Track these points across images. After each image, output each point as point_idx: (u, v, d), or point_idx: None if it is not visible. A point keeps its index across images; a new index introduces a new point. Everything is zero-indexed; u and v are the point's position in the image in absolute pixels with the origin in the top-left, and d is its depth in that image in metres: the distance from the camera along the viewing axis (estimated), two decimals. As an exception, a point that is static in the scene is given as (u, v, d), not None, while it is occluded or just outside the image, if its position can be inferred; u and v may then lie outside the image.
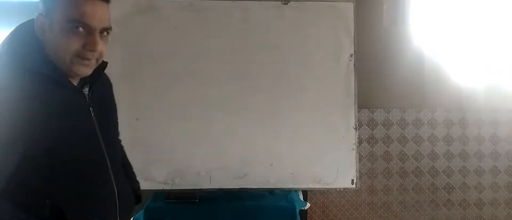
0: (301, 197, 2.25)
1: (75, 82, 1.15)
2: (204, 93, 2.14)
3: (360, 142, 2.58)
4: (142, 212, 2.07)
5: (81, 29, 1.04)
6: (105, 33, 1.11)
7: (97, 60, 1.12)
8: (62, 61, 1.06)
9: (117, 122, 1.38)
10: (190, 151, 2.14)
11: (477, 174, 2.70)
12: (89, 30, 1.06)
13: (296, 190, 2.25)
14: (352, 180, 2.21)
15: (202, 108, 2.14)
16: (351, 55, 2.19)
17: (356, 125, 2.21)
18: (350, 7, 2.19)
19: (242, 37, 2.16)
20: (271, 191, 2.23)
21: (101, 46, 1.08)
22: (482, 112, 2.68)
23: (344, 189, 2.26)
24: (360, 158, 2.47)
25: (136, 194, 1.44)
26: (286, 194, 2.22)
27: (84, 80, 1.17)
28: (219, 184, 2.16)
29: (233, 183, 2.16)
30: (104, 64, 1.22)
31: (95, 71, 1.16)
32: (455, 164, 2.69)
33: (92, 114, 1.17)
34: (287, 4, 2.17)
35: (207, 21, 2.14)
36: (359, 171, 2.27)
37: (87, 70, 1.10)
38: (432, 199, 2.70)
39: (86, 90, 1.18)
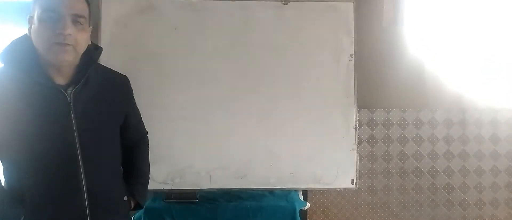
0: (301, 197, 2.25)
1: (62, 81, 1.26)
2: (204, 93, 2.14)
3: (360, 142, 2.58)
4: (142, 212, 2.07)
5: (53, 16, 1.17)
6: (79, 22, 1.21)
7: (74, 48, 1.21)
8: (42, 50, 1.20)
9: (118, 121, 1.42)
10: (190, 151, 2.14)
11: (477, 174, 2.70)
12: (58, 17, 1.17)
13: (296, 190, 2.25)
14: (352, 180, 2.22)
15: (202, 108, 2.14)
16: (351, 55, 2.19)
17: (356, 125, 2.21)
18: (350, 7, 2.19)
19: (242, 37, 2.16)
20: (271, 191, 2.23)
21: (72, 30, 1.19)
22: (482, 112, 2.68)
23: (344, 189, 2.26)
24: (360, 158, 2.47)
25: (137, 201, 1.49)
26: (286, 194, 2.22)
27: (73, 79, 1.27)
28: (219, 184, 2.16)
29: (233, 183, 2.16)
30: (89, 63, 1.30)
31: (80, 70, 1.28)
32: (455, 164, 2.69)
33: (72, 111, 1.25)
34: (287, 4, 2.17)
35: (207, 21, 2.14)
36: (359, 171, 2.27)
37: (64, 55, 1.20)
38: (432, 199, 2.70)
39: (71, 89, 1.26)
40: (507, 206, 2.73)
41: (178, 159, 2.14)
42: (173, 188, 2.13)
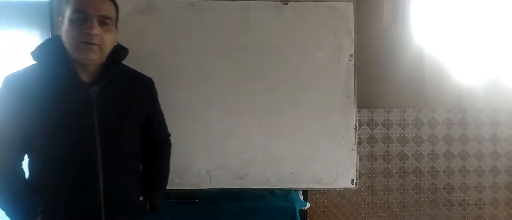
0: (301, 197, 2.25)
1: (88, 78, 1.31)
2: (204, 93, 2.14)
3: (360, 142, 2.58)
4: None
5: (81, 17, 1.23)
6: (106, 23, 1.27)
7: (101, 47, 1.26)
8: (70, 48, 1.25)
9: (139, 121, 1.45)
10: (190, 151, 2.14)
11: (477, 174, 2.70)
12: (86, 17, 1.23)
13: (296, 190, 2.25)
14: (352, 180, 2.22)
15: (202, 108, 2.14)
16: (351, 55, 2.19)
17: (356, 125, 2.21)
18: (350, 7, 2.18)
19: (242, 37, 2.16)
20: (271, 191, 2.23)
21: (98, 31, 1.24)
22: (482, 112, 2.68)
23: (344, 189, 2.26)
24: (360, 158, 2.47)
25: (152, 202, 1.52)
26: (286, 194, 2.22)
27: (98, 78, 1.32)
28: (219, 184, 2.16)
29: (233, 183, 2.16)
30: (115, 63, 1.34)
31: (105, 70, 1.32)
32: (455, 164, 2.69)
33: (94, 108, 1.29)
34: (287, 4, 2.17)
35: (207, 21, 2.14)
36: (359, 171, 2.27)
37: (90, 54, 1.26)
38: (432, 199, 2.70)
39: (95, 86, 1.30)
40: (507, 206, 2.73)
41: (178, 159, 2.12)
42: (173, 188, 2.13)
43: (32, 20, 2.26)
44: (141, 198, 1.46)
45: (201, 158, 2.14)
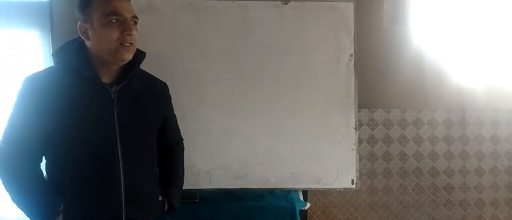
0: (301, 197, 2.25)
1: (108, 79, 1.34)
2: (204, 93, 2.14)
3: (360, 142, 2.58)
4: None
5: (116, 20, 1.27)
6: (133, 22, 1.32)
7: (134, 47, 1.32)
8: (108, 51, 1.28)
9: (156, 122, 1.48)
10: (190, 151, 2.13)
11: (477, 174, 2.70)
12: (122, 20, 1.28)
13: (296, 190, 2.25)
14: (352, 180, 2.21)
15: (202, 108, 2.14)
16: (351, 55, 2.19)
17: (356, 125, 2.21)
18: (350, 7, 2.18)
19: (242, 37, 2.16)
20: (271, 191, 2.23)
21: (135, 31, 1.31)
22: (482, 112, 2.68)
23: (344, 189, 2.26)
24: (360, 158, 2.47)
25: (170, 201, 1.53)
26: (286, 194, 2.21)
27: (118, 78, 1.35)
28: (219, 184, 2.16)
29: (233, 183, 2.16)
30: (134, 64, 1.37)
31: (125, 71, 1.36)
32: (455, 164, 2.69)
33: (114, 107, 1.32)
34: (287, 4, 2.17)
35: (207, 21, 2.14)
36: (359, 171, 2.27)
37: (129, 55, 1.31)
38: (432, 199, 2.70)
39: (115, 87, 1.33)
40: (507, 206, 2.73)
41: (178, 159, 2.14)
42: (173, 188, 2.13)
43: (32, 20, 2.25)
44: (160, 198, 1.48)
45: (201, 158, 2.14)
